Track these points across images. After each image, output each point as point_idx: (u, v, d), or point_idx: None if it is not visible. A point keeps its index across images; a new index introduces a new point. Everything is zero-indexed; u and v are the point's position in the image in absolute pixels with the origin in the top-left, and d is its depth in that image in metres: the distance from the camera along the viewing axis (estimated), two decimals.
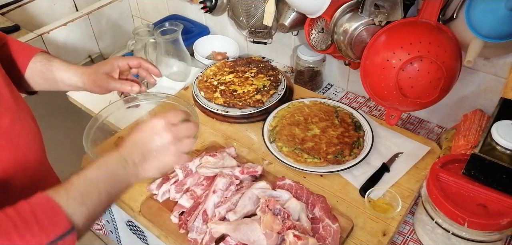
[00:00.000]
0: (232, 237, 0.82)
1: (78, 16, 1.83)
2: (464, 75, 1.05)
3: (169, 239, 0.89)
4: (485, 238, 0.78)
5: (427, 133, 1.19)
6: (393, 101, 1.02)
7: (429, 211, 0.84)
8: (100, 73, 0.94)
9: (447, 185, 0.82)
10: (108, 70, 0.96)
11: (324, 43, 1.18)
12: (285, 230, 0.80)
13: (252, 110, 1.18)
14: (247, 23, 1.39)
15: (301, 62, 1.34)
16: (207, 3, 1.39)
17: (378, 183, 0.98)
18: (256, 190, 0.90)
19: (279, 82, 1.28)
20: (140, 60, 1.00)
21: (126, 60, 0.99)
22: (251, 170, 0.97)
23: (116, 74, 0.97)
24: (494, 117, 0.84)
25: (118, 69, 0.97)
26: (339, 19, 1.07)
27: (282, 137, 1.09)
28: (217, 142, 1.13)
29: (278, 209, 0.83)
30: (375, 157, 1.05)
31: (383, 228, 0.89)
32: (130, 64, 0.99)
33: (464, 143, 0.93)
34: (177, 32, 1.35)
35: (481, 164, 0.78)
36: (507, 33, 0.85)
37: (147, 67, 1.01)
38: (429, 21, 0.95)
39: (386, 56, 0.97)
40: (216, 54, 1.56)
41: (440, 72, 0.93)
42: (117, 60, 0.97)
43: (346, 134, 1.10)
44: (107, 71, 0.96)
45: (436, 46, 0.92)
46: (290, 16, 1.20)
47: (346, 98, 1.35)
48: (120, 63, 0.97)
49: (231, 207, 0.88)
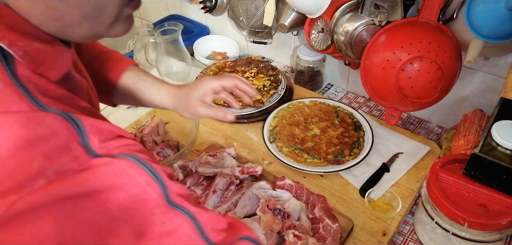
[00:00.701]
0: None
1: None
2: (464, 75, 1.05)
3: None
4: (485, 238, 0.78)
5: (427, 133, 1.19)
6: (393, 101, 1.02)
7: (429, 211, 0.84)
8: (193, 98, 0.85)
9: (447, 185, 0.82)
10: (200, 95, 0.85)
11: (324, 43, 1.18)
12: (285, 230, 0.80)
13: (252, 110, 1.18)
14: (247, 23, 1.39)
15: (301, 62, 1.34)
16: (207, 3, 1.39)
17: (378, 183, 0.98)
18: (256, 190, 0.90)
19: (279, 82, 1.28)
20: (235, 81, 0.87)
21: (220, 81, 0.86)
22: (251, 170, 0.97)
23: (209, 98, 0.86)
24: (494, 117, 0.84)
25: (211, 93, 0.86)
26: (339, 19, 1.07)
27: (282, 137, 1.09)
28: (217, 142, 1.13)
29: (278, 209, 0.83)
30: (375, 157, 1.05)
31: (383, 228, 0.89)
32: (224, 86, 0.87)
33: (464, 143, 0.93)
34: (177, 32, 1.35)
35: (481, 164, 0.77)
36: (507, 33, 0.85)
37: (243, 89, 0.88)
38: (429, 21, 0.95)
39: (386, 56, 0.97)
40: (216, 54, 1.56)
41: (440, 72, 0.92)
42: (211, 82, 0.86)
43: (346, 134, 1.10)
44: (200, 96, 0.85)
45: (436, 46, 0.92)
46: (290, 16, 1.20)
47: (346, 98, 1.35)
48: (214, 85, 0.86)
49: (231, 207, 0.88)
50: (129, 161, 0.43)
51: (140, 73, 0.86)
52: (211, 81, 0.86)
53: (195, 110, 0.84)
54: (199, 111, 0.84)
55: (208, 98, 0.85)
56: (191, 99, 0.84)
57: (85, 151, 0.41)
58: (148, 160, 0.45)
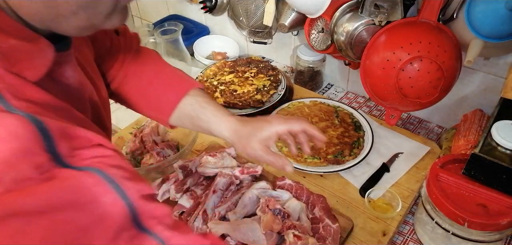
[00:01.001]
0: (232, 237, 0.82)
1: None
2: (464, 75, 1.05)
3: None
4: (485, 238, 0.78)
5: (427, 133, 1.19)
6: (393, 101, 1.02)
7: (429, 211, 0.84)
8: (255, 141, 0.76)
9: (447, 185, 0.82)
10: (264, 138, 0.76)
11: (324, 43, 1.18)
12: (285, 230, 0.80)
13: (252, 110, 1.18)
14: (247, 23, 1.39)
15: (301, 62, 1.34)
16: (207, 3, 1.39)
17: (378, 183, 0.98)
18: (256, 190, 0.90)
19: (279, 82, 1.28)
20: (304, 126, 0.77)
21: (288, 126, 0.77)
22: (251, 170, 0.97)
23: (272, 142, 0.77)
24: (494, 117, 0.84)
25: (276, 137, 0.77)
26: (339, 19, 1.07)
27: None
28: (217, 142, 1.13)
29: (278, 209, 0.83)
30: (375, 157, 1.05)
31: (383, 228, 0.89)
32: (292, 132, 0.77)
33: (464, 143, 0.93)
34: (177, 32, 1.35)
35: (481, 164, 0.77)
36: (507, 33, 0.85)
37: (312, 134, 0.78)
38: (429, 21, 0.95)
39: (386, 56, 0.97)
40: (216, 54, 1.56)
41: (440, 72, 0.92)
42: (278, 126, 0.76)
43: (346, 134, 1.10)
44: (263, 139, 0.76)
45: (436, 46, 0.92)
46: (290, 16, 1.20)
47: (346, 98, 1.35)
48: (281, 130, 0.76)
49: (231, 207, 0.88)
50: (96, 176, 0.39)
51: (202, 100, 0.80)
52: (278, 125, 0.76)
53: (255, 153, 0.76)
54: (258, 155, 0.76)
55: (272, 142, 0.76)
56: (253, 142, 0.76)
57: (50, 158, 0.38)
58: (121, 178, 0.41)
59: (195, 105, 0.79)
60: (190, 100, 0.79)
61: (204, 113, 0.78)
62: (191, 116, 0.79)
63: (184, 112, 0.80)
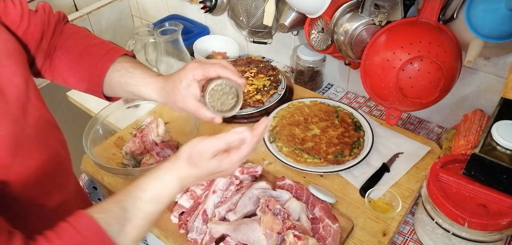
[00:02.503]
0: (232, 237, 0.82)
1: (78, 16, 1.83)
2: (464, 75, 1.05)
3: (169, 239, 0.89)
4: (485, 238, 0.78)
5: (427, 133, 1.19)
6: (393, 101, 1.02)
7: (429, 211, 0.84)
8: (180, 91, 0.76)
9: (447, 185, 0.82)
10: (185, 86, 0.76)
11: (324, 43, 1.18)
12: (285, 230, 0.80)
13: (252, 110, 1.18)
14: (247, 23, 1.39)
15: (301, 62, 1.34)
16: (207, 3, 1.39)
17: (378, 183, 0.98)
18: (256, 190, 0.90)
19: (279, 82, 1.28)
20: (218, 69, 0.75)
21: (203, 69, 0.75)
22: (251, 170, 0.97)
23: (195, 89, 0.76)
24: (494, 117, 0.84)
25: (195, 83, 0.76)
26: (339, 19, 1.07)
27: (282, 137, 1.09)
28: None
29: (278, 209, 0.83)
30: (375, 157, 1.04)
31: (383, 228, 0.89)
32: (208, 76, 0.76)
33: (464, 143, 0.93)
34: (177, 32, 1.35)
35: (481, 164, 0.77)
36: (507, 33, 0.84)
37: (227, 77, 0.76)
38: (429, 21, 0.95)
39: (386, 56, 0.97)
40: (216, 54, 1.56)
41: (440, 72, 0.92)
42: (193, 70, 0.75)
43: (346, 134, 1.10)
44: (184, 87, 0.76)
45: (436, 46, 0.92)
46: (290, 16, 1.20)
47: (346, 98, 1.35)
48: (196, 74, 0.75)
49: (231, 207, 0.88)
50: None
51: (129, 65, 0.80)
52: (193, 70, 0.76)
53: (184, 103, 0.76)
54: (188, 104, 0.76)
55: (193, 89, 0.75)
56: (178, 94, 0.76)
57: None
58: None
59: (122, 70, 0.80)
60: (118, 67, 0.80)
61: (132, 78, 0.79)
62: (120, 82, 0.80)
63: (114, 80, 0.80)
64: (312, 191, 0.92)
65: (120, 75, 0.80)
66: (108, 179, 1.04)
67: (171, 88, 0.77)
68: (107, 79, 0.80)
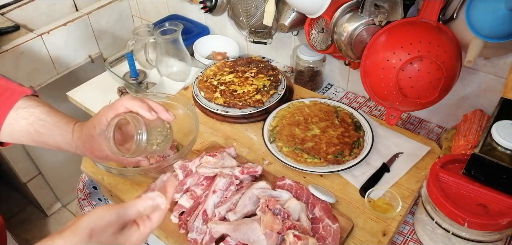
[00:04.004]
0: (232, 237, 0.82)
1: (78, 16, 1.83)
2: (464, 75, 1.05)
3: (169, 239, 0.89)
4: (485, 238, 0.78)
5: (427, 133, 1.19)
6: (393, 101, 1.02)
7: (429, 211, 0.84)
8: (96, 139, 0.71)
9: (447, 185, 0.82)
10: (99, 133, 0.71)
11: (324, 43, 1.18)
12: (285, 230, 0.80)
13: (252, 110, 1.18)
14: (247, 23, 1.39)
15: (301, 62, 1.34)
16: (207, 3, 1.39)
17: (378, 183, 0.98)
18: (256, 190, 0.90)
19: (279, 82, 1.28)
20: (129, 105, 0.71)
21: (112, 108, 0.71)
22: (251, 170, 0.97)
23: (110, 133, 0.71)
24: (494, 117, 0.84)
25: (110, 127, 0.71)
26: (339, 19, 1.07)
27: (282, 137, 1.09)
28: (217, 142, 1.13)
29: (278, 209, 0.83)
30: (375, 157, 1.05)
31: (383, 228, 0.89)
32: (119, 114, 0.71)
33: (464, 143, 0.93)
34: (177, 32, 1.35)
35: (481, 164, 0.77)
36: (507, 33, 0.85)
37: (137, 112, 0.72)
38: (429, 21, 0.95)
39: (386, 56, 0.97)
40: (216, 54, 1.56)
41: (440, 72, 0.92)
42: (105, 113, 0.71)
43: (346, 134, 1.10)
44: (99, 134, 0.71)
45: (436, 46, 0.92)
46: (290, 16, 1.20)
47: (346, 98, 1.35)
48: (108, 116, 0.71)
49: (231, 207, 0.88)
50: None
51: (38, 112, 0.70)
52: (105, 113, 0.71)
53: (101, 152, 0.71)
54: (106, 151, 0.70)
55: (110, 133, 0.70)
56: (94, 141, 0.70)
57: None
58: None
59: (31, 118, 0.69)
60: (23, 113, 0.69)
61: (44, 126, 0.70)
62: (29, 132, 0.70)
63: (17, 129, 0.70)
64: (312, 191, 0.92)
65: (28, 123, 0.70)
66: (108, 179, 1.04)
67: (87, 136, 0.72)
68: (5, 128, 0.70)
